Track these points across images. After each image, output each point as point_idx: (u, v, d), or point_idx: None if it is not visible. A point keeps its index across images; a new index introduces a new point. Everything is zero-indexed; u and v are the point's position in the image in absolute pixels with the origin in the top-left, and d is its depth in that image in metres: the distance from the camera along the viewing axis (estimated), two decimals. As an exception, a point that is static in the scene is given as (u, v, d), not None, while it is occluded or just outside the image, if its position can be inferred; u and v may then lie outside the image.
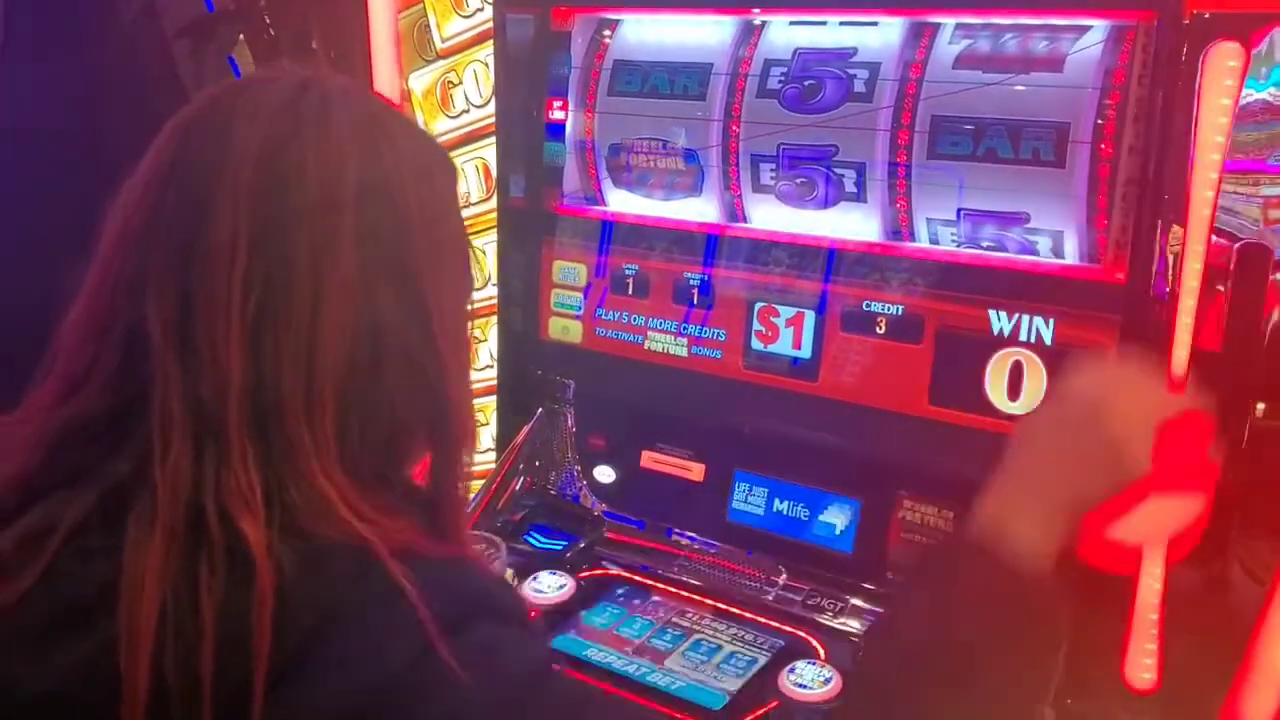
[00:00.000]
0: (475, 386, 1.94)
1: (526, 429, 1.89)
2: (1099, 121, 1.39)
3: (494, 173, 1.92)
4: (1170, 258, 1.29)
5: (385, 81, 1.99)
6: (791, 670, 1.42)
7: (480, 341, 1.99)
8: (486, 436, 1.97)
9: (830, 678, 1.40)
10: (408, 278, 0.86)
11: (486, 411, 1.99)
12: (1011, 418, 1.47)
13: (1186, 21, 1.23)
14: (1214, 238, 1.23)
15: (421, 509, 0.89)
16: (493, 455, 1.95)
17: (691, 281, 1.74)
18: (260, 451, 0.80)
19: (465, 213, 1.98)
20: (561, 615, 1.57)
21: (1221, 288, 1.24)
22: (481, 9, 1.88)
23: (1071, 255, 1.45)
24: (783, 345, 1.67)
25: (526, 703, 0.81)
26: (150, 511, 0.78)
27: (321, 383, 0.82)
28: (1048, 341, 1.45)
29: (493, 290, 1.98)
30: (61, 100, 2.46)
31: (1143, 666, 1.38)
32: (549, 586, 1.63)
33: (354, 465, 0.84)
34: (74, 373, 0.85)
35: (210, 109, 0.87)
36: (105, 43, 2.59)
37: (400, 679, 0.77)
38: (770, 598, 1.59)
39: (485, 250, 1.98)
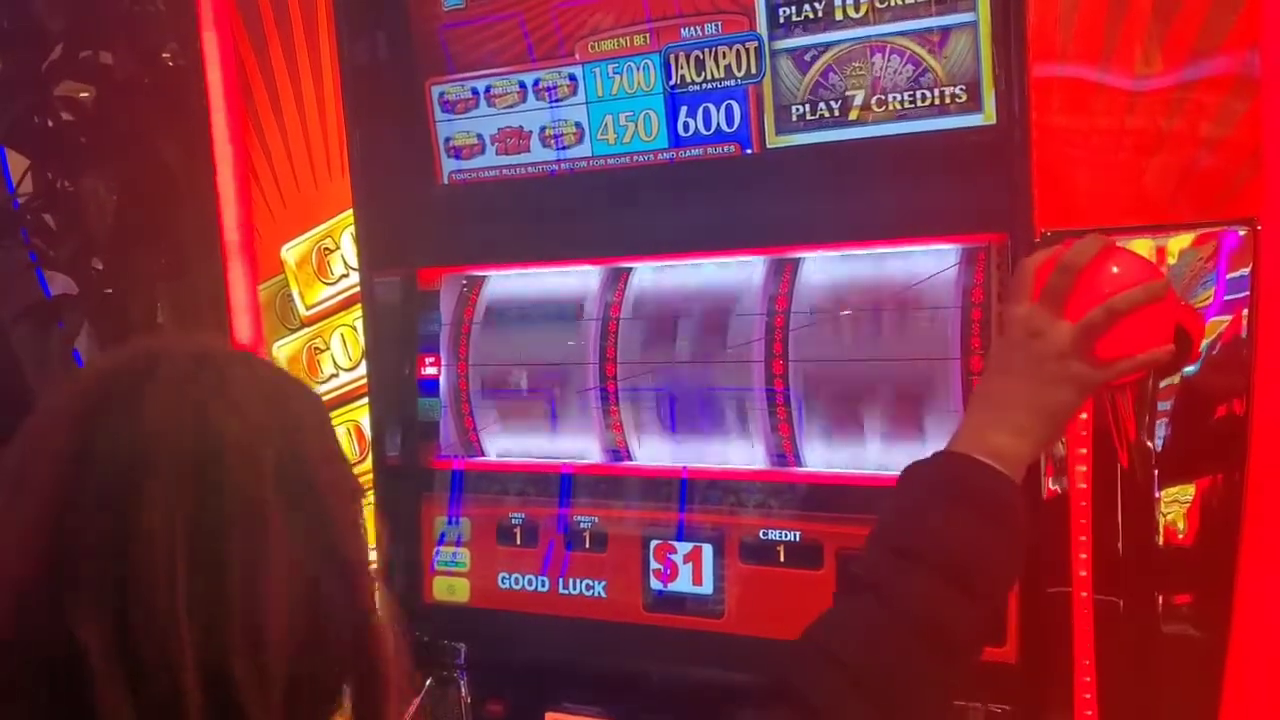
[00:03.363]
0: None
1: (416, 703, 1.77)
2: (965, 338, 1.47)
3: (367, 434, 1.87)
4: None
5: (247, 351, 1.95)
6: None
7: (360, 612, 1.88)
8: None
9: None
10: (331, 538, 0.84)
11: (371, 687, 1.85)
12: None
13: (1037, 240, 1.32)
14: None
15: None
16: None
17: (582, 525, 1.71)
18: None
19: (337, 477, 1.94)
20: None
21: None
22: (346, 275, 1.88)
23: (957, 466, 1.48)
24: (683, 582, 1.63)
25: None
26: None
27: (273, 663, 0.79)
28: (947, 553, 1.46)
29: (370, 556, 1.88)
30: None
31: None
32: None
33: None
34: None
35: (110, 398, 0.82)
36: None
37: None
38: None
39: (360, 515, 1.90)
